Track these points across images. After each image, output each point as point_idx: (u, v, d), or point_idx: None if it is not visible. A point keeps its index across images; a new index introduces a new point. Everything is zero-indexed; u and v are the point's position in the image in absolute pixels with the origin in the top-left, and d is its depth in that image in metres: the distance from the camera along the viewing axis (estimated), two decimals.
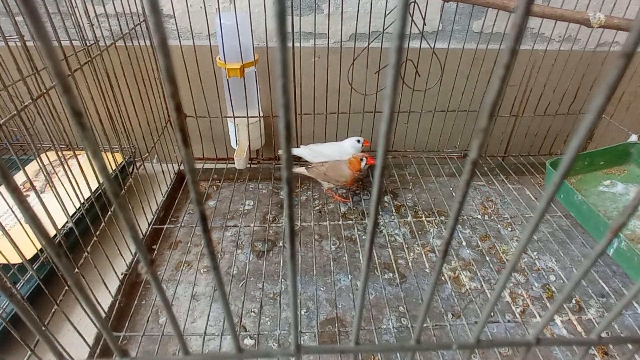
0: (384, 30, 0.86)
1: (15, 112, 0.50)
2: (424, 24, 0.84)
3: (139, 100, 0.81)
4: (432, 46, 0.88)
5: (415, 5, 0.81)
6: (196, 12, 0.87)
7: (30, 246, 0.62)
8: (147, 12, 0.13)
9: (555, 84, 0.96)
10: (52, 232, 0.57)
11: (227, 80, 0.87)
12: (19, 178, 0.84)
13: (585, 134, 0.16)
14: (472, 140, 0.16)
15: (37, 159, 0.53)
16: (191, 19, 0.86)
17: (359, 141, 0.93)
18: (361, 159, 0.86)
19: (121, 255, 0.71)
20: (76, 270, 0.62)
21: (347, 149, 0.93)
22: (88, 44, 0.68)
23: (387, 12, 0.85)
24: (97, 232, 0.65)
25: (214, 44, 0.86)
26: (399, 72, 0.15)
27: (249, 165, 1.00)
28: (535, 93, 0.97)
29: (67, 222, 0.68)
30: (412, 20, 0.83)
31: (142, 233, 0.81)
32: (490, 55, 0.92)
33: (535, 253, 0.80)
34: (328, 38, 0.91)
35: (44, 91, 0.54)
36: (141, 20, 0.84)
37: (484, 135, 0.16)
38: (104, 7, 0.77)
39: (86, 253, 0.62)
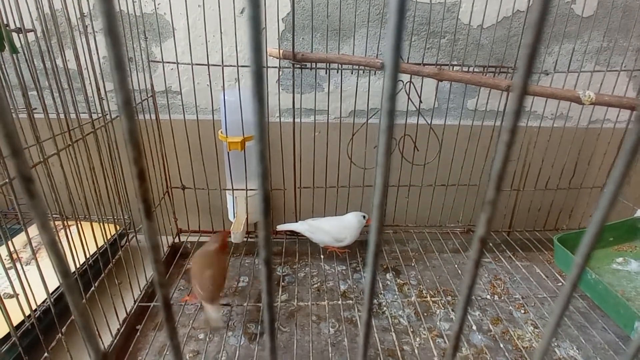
0: (382, 107, 0.89)
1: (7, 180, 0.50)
2: (420, 101, 0.88)
3: None
4: (429, 122, 0.91)
5: (411, 84, 0.85)
6: (202, 90, 0.91)
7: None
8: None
9: (552, 159, 0.96)
10: (33, 306, 0.53)
11: (228, 153, 0.88)
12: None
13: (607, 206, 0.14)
14: (480, 215, 0.14)
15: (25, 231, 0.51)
16: (197, 95, 0.89)
17: (364, 217, 0.91)
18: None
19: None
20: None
21: (353, 223, 0.90)
22: (95, 117, 0.69)
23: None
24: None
25: (217, 118, 0.88)
26: (391, 137, 0.13)
27: (245, 239, 0.97)
28: (534, 168, 0.97)
29: (45, 299, 0.63)
30: (409, 98, 0.86)
31: (126, 311, 0.75)
32: (486, 131, 0.94)
33: (554, 340, 0.73)
34: (328, 114, 0.94)
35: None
36: (149, 95, 0.88)
37: (493, 209, 0.14)
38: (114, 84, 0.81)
39: (60, 334, 0.57)
